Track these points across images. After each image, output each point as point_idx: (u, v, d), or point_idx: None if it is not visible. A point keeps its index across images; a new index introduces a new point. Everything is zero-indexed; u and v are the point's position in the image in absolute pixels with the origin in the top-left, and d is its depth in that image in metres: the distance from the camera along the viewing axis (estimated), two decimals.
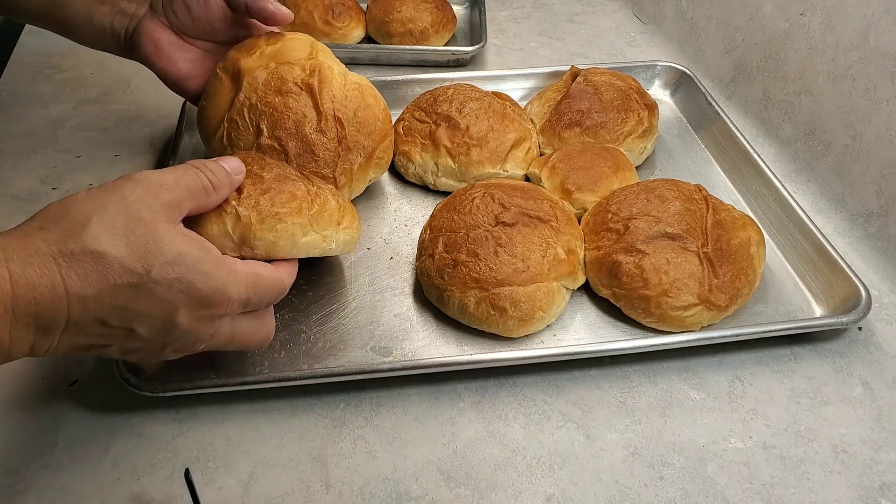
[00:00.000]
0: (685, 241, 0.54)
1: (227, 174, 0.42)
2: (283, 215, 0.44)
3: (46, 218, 0.34)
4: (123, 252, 0.34)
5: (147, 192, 0.36)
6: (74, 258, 0.33)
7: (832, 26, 0.66)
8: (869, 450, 0.48)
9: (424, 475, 0.46)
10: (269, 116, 0.55)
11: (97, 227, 0.33)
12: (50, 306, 0.33)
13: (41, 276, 0.32)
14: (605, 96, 0.69)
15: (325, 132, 0.55)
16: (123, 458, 0.46)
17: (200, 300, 0.37)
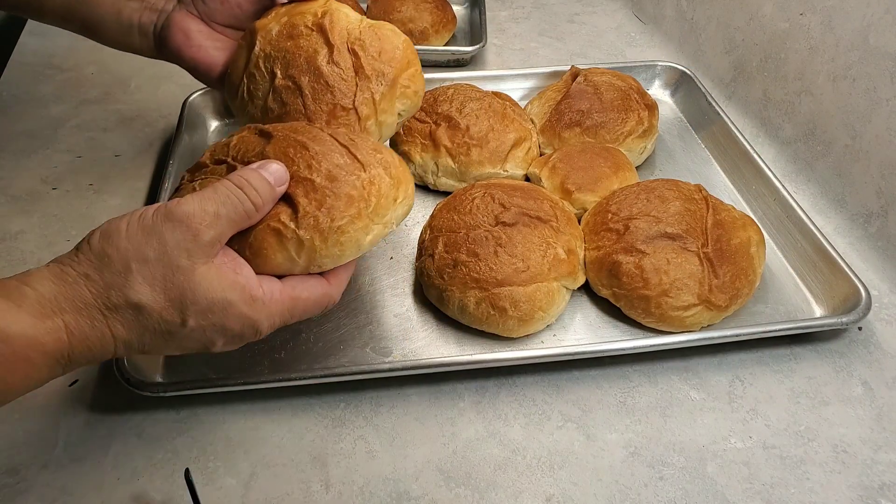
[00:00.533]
0: (685, 242, 0.54)
1: (270, 189, 0.39)
2: (346, 226, 0.41)
3: (89, 263, 0.35)
4: (162, 304, 0.35)
5: (186, 234, 0.36)
6: (118, 310, 0.35)
7: (832, 26, 0.66)
8: (869, 450, 0.48)
9: (424, 475, 0.46)
10: (281, 60, 0.53)
11: (137, 278, 0.35)
12: (100, 351, 0.36)
13: (92, 327, 0.35)
14: (605, 96, 0.69)
15: (339, 63, 0.53)
16: (124, 458, 0.46)
17: (234, 336, 0.39)
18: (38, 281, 0.35)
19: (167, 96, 0.81)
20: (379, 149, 0.46)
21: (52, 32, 0.92)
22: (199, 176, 0.44)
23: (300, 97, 0.52)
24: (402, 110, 0.56)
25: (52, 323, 0.34)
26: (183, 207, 0.36)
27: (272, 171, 0.40)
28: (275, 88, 0.53)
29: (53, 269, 0.35)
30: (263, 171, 0.40)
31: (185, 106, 0.72)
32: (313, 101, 0.51)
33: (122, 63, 0.87)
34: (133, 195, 0.68)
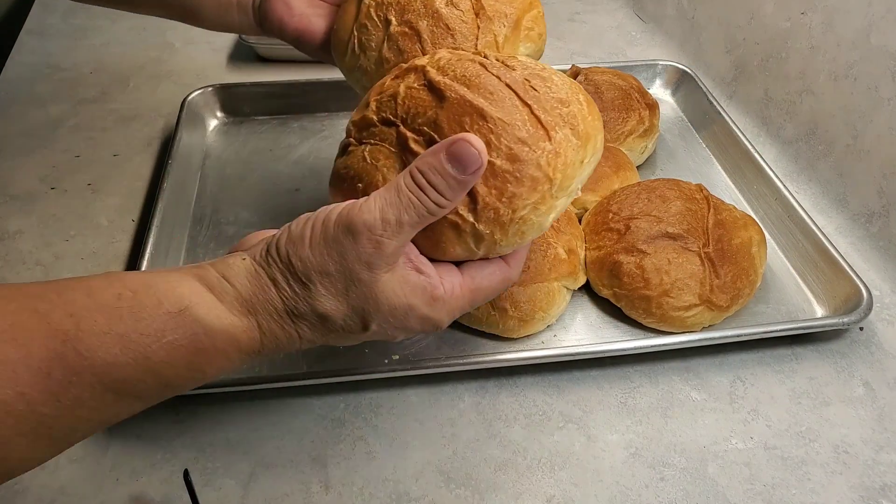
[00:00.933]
0: (686, 241, 0.54)
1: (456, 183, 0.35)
2: (527, 215, 0.37)
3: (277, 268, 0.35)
4: (345, 312, 0.36)
5: (367, 247, 0.34)
6: (304, 317, 0.36)
7: (833, 25, 0.66)
8: (870, 450, 0.48)
9: (424, 476, 0.46)
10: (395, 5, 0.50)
11: (321, 290, 0.35)
12: (287, 347, 0.37)
13: (282, 329, 0.36)
14: (605, 95, 0.69)
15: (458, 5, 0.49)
16: (122, 459, 0.46)
17: (415, 332, 0.39)
18: (236, 276, 0.35)
19: (166, 96, 0.80)
20: (564, 98, 0.39)
21: (50, 32, 0.92)
22: (367, 138, 0.41)
23: (418, 42, 0.49)
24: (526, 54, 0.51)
25: (247, 322, 0.35)
26: (364, 217, 0.34)
27: (464, 158, 0.34)
28: (390, 36, 0.49)
29: (249, 266, 0.36)
30: (454, 161, 0.35)
31: (184, 105, 0.72)
32: (433, 47, 0.48)
33: (120, 62, 0.87)
34: (132, 195, 0.67)
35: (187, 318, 0.33)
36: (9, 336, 0.29)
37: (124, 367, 0.31)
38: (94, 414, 0.31)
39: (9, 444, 0.28)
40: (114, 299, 0.32)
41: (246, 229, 0.63)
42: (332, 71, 0.85)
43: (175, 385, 0.34)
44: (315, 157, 0.72)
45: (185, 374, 0.34)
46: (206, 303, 0.34)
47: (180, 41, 0.91)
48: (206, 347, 0.33)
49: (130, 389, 0.32)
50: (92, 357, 0.30)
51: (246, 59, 0.88)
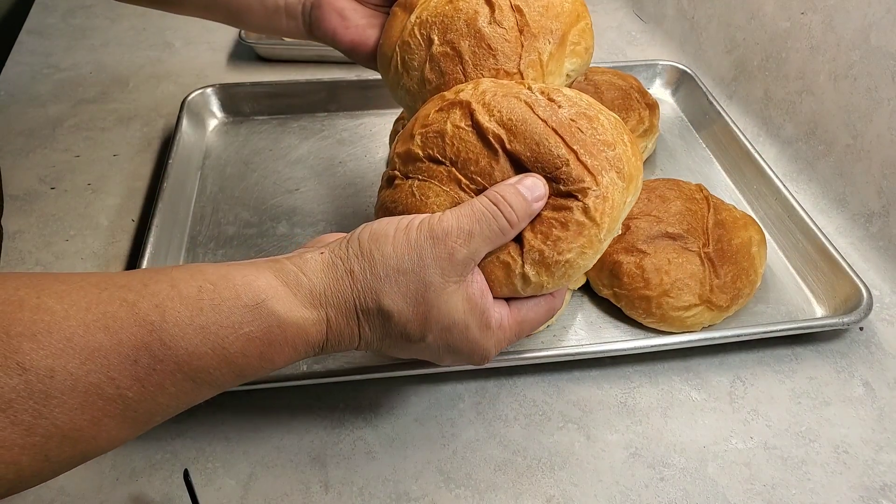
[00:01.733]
0: (686, 241, 0.54)
1: (526, 206, 0.38)
2: (574, 259, 0.38)
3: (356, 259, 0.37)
4: (408, 316, 0.37)
5: (443, 252, 0.36)
6: (370, 313, 0.37)
7: (833, 25, 0.66)
8: (870, 450, 0.48)
9: (424, 476, 0.46)
10: (439, 24, 0.49)
11: (393, 287, 0.36)
12: (348, 344, 0.38)
13: (347, 325, 0.37)
14: (605, 95, 0.69)
15: (501, 22, 0.48)
16: (122, 459, 0.46)
17: (461, 357, 0.40)
18: (312, 270, 0.37)
19: (166, 96, 0.81)
20: (610, 141, 0.40)
21: (50, 32, 0.92)
22: (414, 173, 0.42)
23: (460, 64, 0.48)
24: (571, 70, 0.51)
25: (318, 314, 0.36)
26: (443, 224, 0.37)
27: (528, 185, 0.38)
28: (432, 56, 0.48)
29: (326, 258, 0.37)
30: (521, 186, 0.38)
31: (184, 105, 0.72)
32: (474, 68, 0.47)
33: (120, 62, 0.87)
34: (132, 195, 0.67)
35: (263, 311, 0.34)
36: (101, 324, 0.30)
37: (203, 356, 0.33)
38: (173, 400, 0.33)
39: (98, 424, 0.30)
40: (195, 291, 0.33)
41: (246, 229, 0.63)
42: (332, 71, 0.86)
43: (247, 374, 0.35)
44: (315, 157, 0.72)
45: (257, 365, 0.35)
46: (281, 296, 0.35)
47: (180, 41, 0.91)
48: (277, 339, 0.35)
49: (207, 378, 0.33)
50: (175, 347, 0.32)
51: (246, 59, 0.88)
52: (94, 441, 0.30)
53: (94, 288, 0.32)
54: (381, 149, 0.73)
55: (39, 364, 0.28)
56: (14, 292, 0.30)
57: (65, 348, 0.29)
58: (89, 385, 0.29)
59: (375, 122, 0.76)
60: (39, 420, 0.28)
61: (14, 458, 0.28)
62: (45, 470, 0.29)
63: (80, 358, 0.29)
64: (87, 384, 0.29)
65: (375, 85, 0.77)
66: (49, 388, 0.28)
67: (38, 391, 0.28)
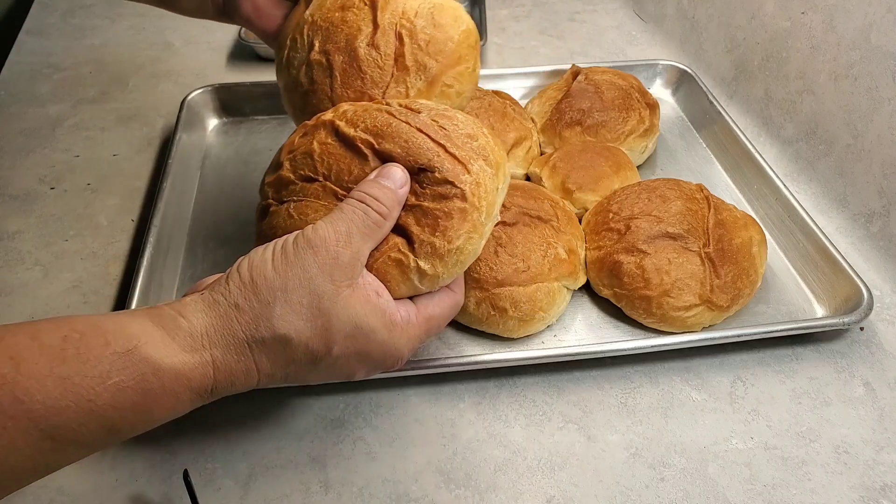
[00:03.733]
0: (687, 241, 0.54)
1: (392, 195, 0.39)
2: (463, 245, 0.40)
3: (239, 292, 0.35)
4: (308, 334, 0.36)
5: (326, 258, 0.36)
6: (265, 344, 0.35)
7: (834, 25, 0.66)
8: (871, 450, 0.48)
9: (424, 476, 0.46)
10: (324, 31, 0.49)
11: (285, 308, 0.35)
12: (243, 384, 0.36)
13: (238, 361, 0.35)
14: (606, 95, 0.69)
15: (379, 47, 0.47)
16: (122, 460, 0.46)
17: (375, 365, 0.39)
18: (192, 312, 0.35)
19: (165, 95, 0.80)
20: (471, 131, 0.42)
21: (50, 31, 0.92)
22: (288, 196, 0.42)
23: (329, 77, 0.48)
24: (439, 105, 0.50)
25: (200, 357, 0.34)
26: (319, 233, 0.37)
27: (390, 175, 0.39)
28: (308, 62, 0.49)
29: (206, 297, 0.36)
30: (382, 178, 0.39)
31: (184, 105, 0.72)
32: (341, 85, 0.47)
33: (120, 62, 0.87)
34: (131, 195, 0.67)
35: (135, 357, 0.32)
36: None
37: (64, 411, 0.30)
38: (30, 462, 0.30)
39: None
40: (59, 341, 0.31)
41: (245, 228, 0.63)
42: None
43: (120, 429, 0.32)
44: None
45: (132, 418, 0.32)
46: (156, 341, 0.33)
47: (180, 41, 0.91)
48: (153, 388, 0.32)
49: (70, 435, 0.30)
50: (30, 401, 0.29)
51: (246, 59, 0.88)
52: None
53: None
54: None
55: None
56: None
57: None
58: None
59: None
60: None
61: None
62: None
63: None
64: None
65: None
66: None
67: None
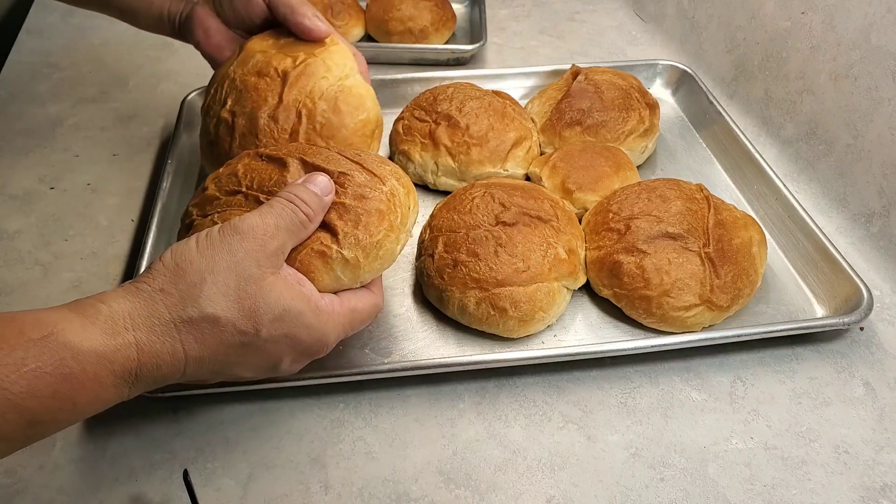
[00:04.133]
0: (686, 241, 0.54)
1: (318, 199, 0.42)
2: (382, 240, 0.43)
3: (164, 277, 0.36)
4: (236, 314, 0.36)
5: (253, 244, 0.37)
6: (193, 324, 0.35)
7: (834, 25, 0.66)
8: (871, 450, 0.48)
9: (424, 476, 0.46)
10: (238, 92, 0.54)
11: (212, 289, 0.35)
12: (170, 369, 0.36)
13: (163, 343, 0.35)
14: (606, 95, 0.69)
15: (278, 121, 0.53)
16: (121, 459, 0.46)
17: (303, 350, 0.40)
18: (114, 299, 0.35)
19: (165, 95, 0.80)
20: (383, 160, 0.47)
21: (50, 31, 0.92)
22: (213, 209, 0.45)
23: (230, 137, 0.53)
24: None
25: (122, 339, 0.34)
26: (247, 222, 0.38)
27: (317, 182, 0.42)
28: (219, 117, 0.54)
29: (129, 287, 0.36)
30: (310, 184, 0.42)
31: (184, 105, 0.72)
32: (238, 146, 0.52)
33: (119, 62, 0.87)
34: (131, 195, 0.67)
35: (52, 343, 0.31)
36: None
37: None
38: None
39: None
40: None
41: None
42: None
43: (42, 420, 0.32)
44: None
45: (52, 406, 0.32)
46: (75, 326, 0.32)
47: (180, 41, 0.91)
48: (74, 373, 0.32)
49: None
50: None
51: None
52: None
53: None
54: (381, 148, 0.72)
55: None
56: None
57: None
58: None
59: None
60: None
61: None
62: None
63: None
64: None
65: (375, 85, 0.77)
66: None
67: None
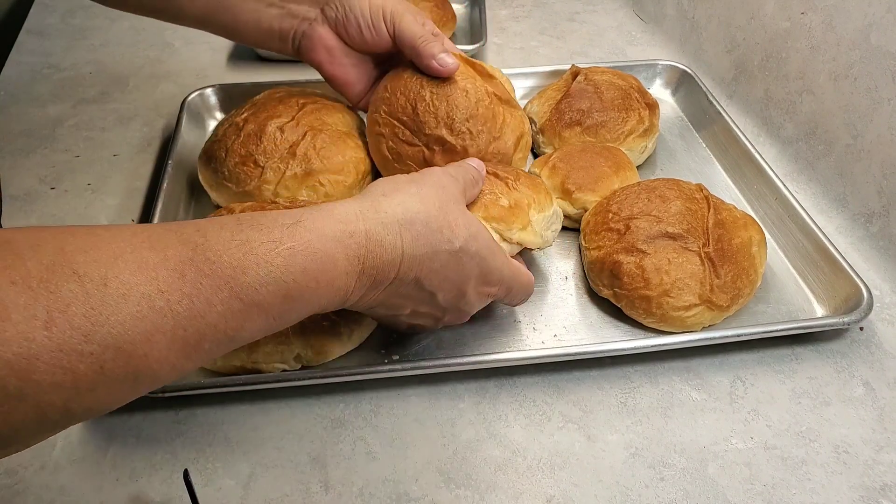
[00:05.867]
0: (686, 241, 0.54)
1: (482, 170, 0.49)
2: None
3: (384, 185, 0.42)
4: (442, 221, 0.41)
5: (447, 178, 0.44)
6: (411, 223, 0.40)
7: (833, 25, 0.66)
8: (870, 450, 0.48)
9: (424, 476, 0.46)
10: (257, 106, 0.62)
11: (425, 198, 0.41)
12: (389, 261, 0.39)
13: (387, 233, 0.39)
14: (605, 95, 0.69)
15: (285, 132, 0.59)
16: (122, 459, 0.46)
17: (485, 275, 0.45)
18: (343, 202, 0.40)
19: (166, 96, 0.80)
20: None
21: (50, 32, 0.92)
22: None
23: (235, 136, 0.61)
24: (305, 197, 0.61)
25: (354, 227, 0.38)
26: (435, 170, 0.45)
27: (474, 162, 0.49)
28: (233, 122, 0.62)
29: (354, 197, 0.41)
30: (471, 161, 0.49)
31: (184, 105, 0.72)
32: (240, 144, 0.60)
33: (120, 62, 0.87)
34: (131, 195, 0.67)
35: (301, 228, 0.36)
36: (147, 245, 0.32)
37: (248, 270, 0.34)
38: (222, 321, 0.33)
39: (151, 339, 0.30)
40: (234, 221, 0.36)
41: None
42: None
43: (293, 295, 0.36)
44: None
45: (301, 282, 0.36)
46: (317, 217, 0.38)
47: (180, 41, 0.91)
48: (318, 252, 0.36)
49: (254, 296, 0.34)
50: (219, 262, 0.33)
51: (246, 59, 0.88)
52: (145, 360, 0.30)
53: (137, 227, 0.33)
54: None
55: (94, 272, 0.29)
56: (66, 228, 0.32)
57: (115, 261, 0.30)
58: (141, 296, 0.30)
59: None
60: (96, 327, 0.28)
61: (72, 364, 0.28)
62: (99, 384, 0.29)
63: (131, 269, 0.30)
64: (139, 294, 0.30)
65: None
66: (104, 295, 0.29)
67: (94, 296, 0.29)
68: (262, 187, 0.59)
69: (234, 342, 0.35)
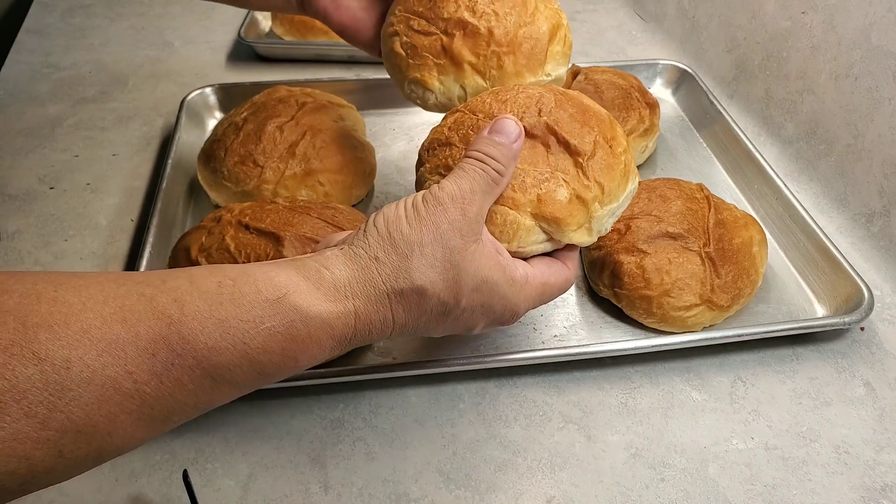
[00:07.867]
0: (687, 241, 0.54)
1: (507, 150, 0.40)
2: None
3: (379, 245, 0.37)
4: (440, 287, 0.37)
5: (455, 214, 0.38)
6: (403, 295, 0.37)
7: (834, 25, 0.66)
8: (871, 451, 0.48)
9: (424, 477, 0.46)
10: (257, 106, 0.65)
11: (421, 261, 0.37)
12: (379, 335, 0.38)
13: (377, 311, 0.36)
14: (606, 95, 0.69)
15: (284, 132, 0.61)
16: (121, 460, 0.46)
17: (495, 318, 0.41)
18: (335, 264, 0.36)
19: (165, 95, 0.80)
20: None
21: (49, 31, 0.92)
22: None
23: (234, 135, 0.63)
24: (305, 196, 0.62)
25: (344, 307, 0.35)
26: (446, 191, 0.38)
27: (499, 129, 0.40)
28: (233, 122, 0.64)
29: (346, 251, 0.37)
30: (496, 134, 0.40)
31: (184, 105, 0.72)
32: (240, 143, 0.62)
33: (119, 62, 0.87)
34: (131, 194, 0.67)
35: (285, 305, 0.34)
36: (119, 317, 0.30)
37: (223, 352, 0.32)
38: (191, 398, 0.32)
39: (115, 420, 0.29)
40: (215, 286, 0.33)
41: None
42: (332, 70, 0.86)
43: (268, 373, 0.34)
44: None
45: (279, 362, 0.34)
46: (304, 291, 0.35)
47: (179, 41, 0.91)
48: (300, 335, 0.34)
49: (227, 375, 0.33)
50: (194, 341, 0.31)
51: (245, 59, 0.88)
52: (109, 438, 0.29)
53: (112, 283, 0.31)
54: (381, 148, 0.73)
55: (55, 354, 0.27)
56: (32, 287, 0.29)
57: (81, 339, 0.28)
58: (106, 378, 0.28)
59: (376, 121, 0.76)
60: (54, 413, 0.27)
61: (27, 452, 0.27)
62: (57, 467, 0.28)
63: (97, 350, 0.29)
64: (104, 377, 0.28)
65: (375, 85, 0.77)
66: (65, 379, 0.27)
67: (53, 382, 0.27)
68: (262, 187, 0.60)
69: (204, 411, 0.34)
